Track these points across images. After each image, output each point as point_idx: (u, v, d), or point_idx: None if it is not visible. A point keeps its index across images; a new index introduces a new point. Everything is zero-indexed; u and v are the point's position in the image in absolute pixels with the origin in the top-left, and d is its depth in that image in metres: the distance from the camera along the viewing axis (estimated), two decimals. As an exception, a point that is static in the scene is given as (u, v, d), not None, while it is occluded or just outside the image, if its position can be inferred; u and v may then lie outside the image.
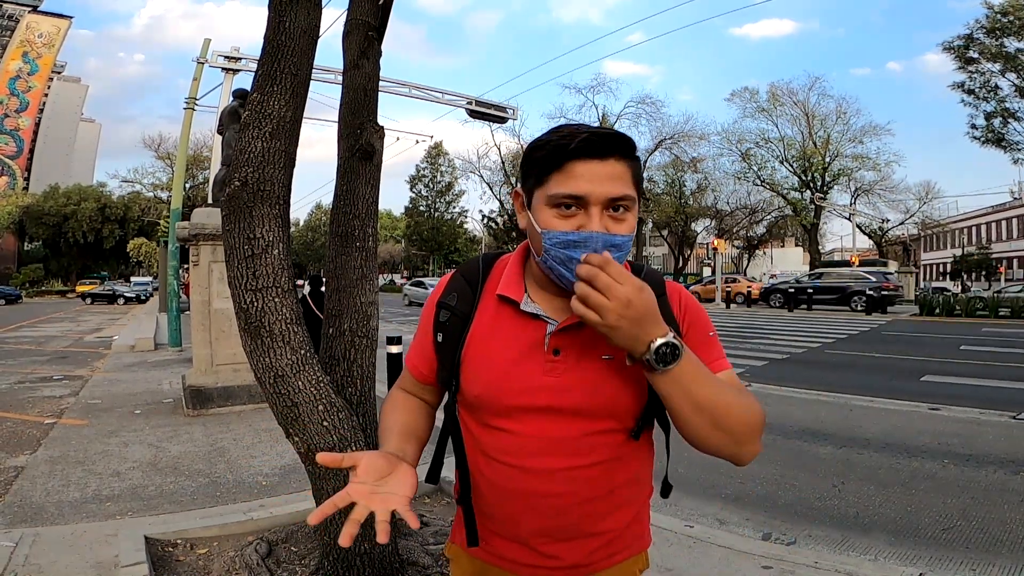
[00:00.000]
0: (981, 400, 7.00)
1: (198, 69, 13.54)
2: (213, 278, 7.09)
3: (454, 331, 1.10)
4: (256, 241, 2.28)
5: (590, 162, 0.95)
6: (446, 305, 1.12)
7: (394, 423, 1.15)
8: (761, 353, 11.61)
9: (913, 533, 3.59)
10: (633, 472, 1.12)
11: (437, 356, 1.14)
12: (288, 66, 2.37)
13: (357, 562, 2.56)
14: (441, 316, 1.12)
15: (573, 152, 0.95)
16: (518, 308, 1.06)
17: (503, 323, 1.07)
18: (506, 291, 1.08)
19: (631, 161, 0.99)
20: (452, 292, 1.13)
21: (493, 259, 1.18)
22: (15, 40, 72.01)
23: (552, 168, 0.98)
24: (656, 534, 3.31)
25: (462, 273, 1.16)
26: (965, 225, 53.87)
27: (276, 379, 2.31)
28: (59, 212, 52.09)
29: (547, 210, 0.98)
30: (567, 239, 0.96)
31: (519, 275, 1.10)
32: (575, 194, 0.95)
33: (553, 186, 0.97)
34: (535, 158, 1.00)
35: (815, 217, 40.92)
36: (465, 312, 1.11)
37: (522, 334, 1.05)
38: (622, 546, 1.13)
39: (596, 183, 0.95)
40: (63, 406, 7.09)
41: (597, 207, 0.96)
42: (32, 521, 3.68)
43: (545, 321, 1.05)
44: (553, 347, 1.03)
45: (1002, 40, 28.31)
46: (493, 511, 1.09)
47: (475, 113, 19.71)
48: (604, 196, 0.96)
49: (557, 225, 0.97)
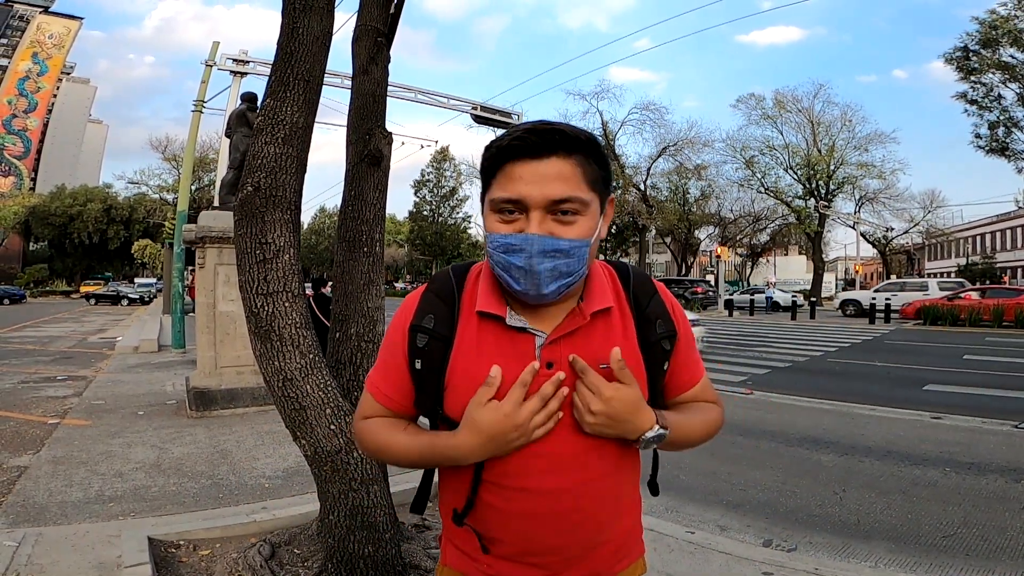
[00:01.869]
0: (983, 409, 6.98)
1: (206, 72, 13.62)
2: (218, 280, 7.13)
3: (435, 356, 1.01)
4: (268, 246, 2.31)
5: (528, 163, 0.90)
6: (423, 328, 1.01)
7: (408, 428, 1.07)
8: (764, 361, 11.60)
9: (914, 540, 3.59)
10: (633, 478, 1.11)
11: (415, 384, 1.04)
12: (301, 72, 2.40)
13: (360, 564, 2.58)
14: (418, 341, 1.01)
15: (507, 152, 0.92)
16: (503, 323, 0.99)
17: (488, 341, 0.99)
18: (487, 307, 1.00)
19: (580, 157, 0.93)
20: (427, 313, 1.03)
21: (464, 271, 1.08)
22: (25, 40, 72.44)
23: (494, 171, 0.94)
24: (657, 540, 3.34)
25: (435, 292, 1.05)
26: (969, 234, 53.68)
27: (285, 382, 2.33)
28: (65, 213, 52.31)
29: (492, 215, 0.95)
30: (505, 243, 0.92)
31: (495, 287, 1.02)
32: (511, 197, 0.91)
33: (494, 190, 0.94)
34: (482, 164, 0.97)
35: (819, 225, 40.85)
36: (445, 334, 1.01)
37: (510, 350, 0.98)
38: (624, 553, 1.11)
39: (534, 184, 0.90)
40: (66, 406, 7.11)
41: (537, 211, 0.90)
42: (35, 521, 3.69)
43: (533, 334, 0.99)
44: (546, 361, 0.97)
45: (998, 51, 28.33)
46: (497, 535, 1.02)
47: (480, 118, 19.78)
48: (542, 199, 0.90)
49: (499, 229, 0.93)
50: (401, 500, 3.16)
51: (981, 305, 19.73)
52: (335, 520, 2.58)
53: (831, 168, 40.42)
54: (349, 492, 2.51)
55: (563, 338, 0.99)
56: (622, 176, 38.57)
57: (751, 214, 43.68)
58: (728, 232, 44.35)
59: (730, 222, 44.24)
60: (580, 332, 1.00)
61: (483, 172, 0.98)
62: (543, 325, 0.99)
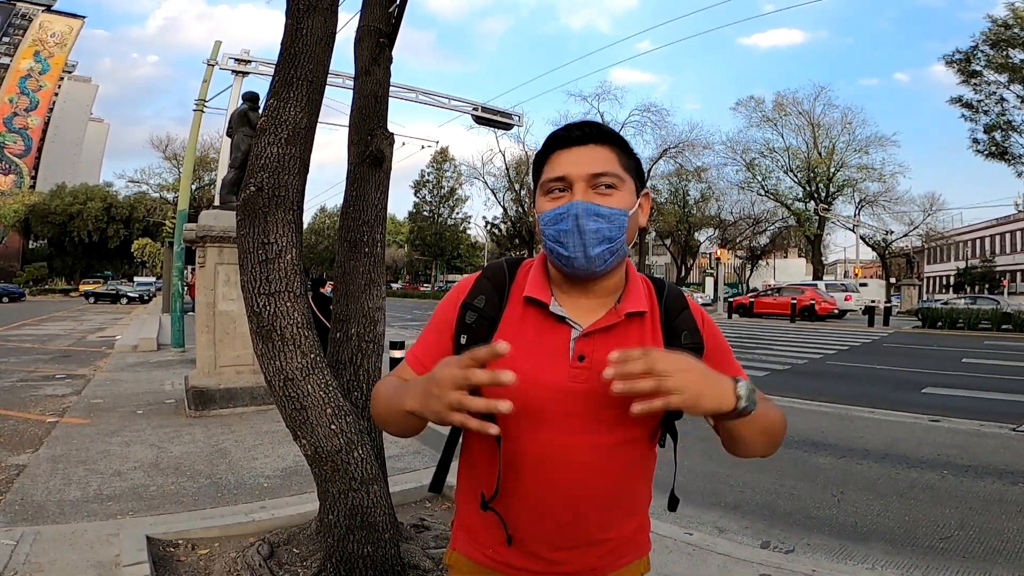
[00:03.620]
0: (981, 412, 7.00)
1: (208, 71, 13.62)
2: (219, 280, 7.14)
3: (480, 333, 1.08)
4: (270, 246, 2.32)
5: (571, 149, 1.05)
6: (473, 307, 1.11)
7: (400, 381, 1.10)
8: (762, 363, 11.61)
9: (911, 542, 3.60)
10: (645, 479, 1.15)
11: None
12: (304, 73, 2.41)
13: (359, 564, 2.58)
14: (467, 318, 1.10)
15: (556, 142, 1.07)
16: (545, 310, 1.07)
17: (529, 326, 1.08)
18: (534, 292, 1.09)
19: (615, 147, 1.07)
20: (479, 294, 1.12)
21: (517, 263, 1.18)
22: (28, 39, 72.41)
23: (543, 161, 1.09)
24: (656, 541, 3.33)
25: (488, 276, 1.15)
26: (969, 237, 53.73)
27: (286, 382, 2.34)
28: (65, 211, 52.30)
29: (542, 199, 1.08)
30: (553, 214, 1.04)
31: (545, 278, 1.11)
32: (557, 175, 1.05)
33: (544, 175, 1.08)
34: (535, 159, 1.12)
35: (819, 228, 40.90)
36: (492, 315, 1.10)
37: (548, 338, 1.06)
38: (627, 551, 1.15)
39: (576, 164, 1.04)
40: (65, 405, 7.11)
41: (580, 183, 1.03)
42: (33, 520, 3.69)
43: (570, 326, 1.06)
44: (578, 353, 1.04)
45: (1007, 51, 28.34)
46: (507, 517, 1.07)
47: (481, 119, 19.76)
48: (584, 173, 1.03)
49: (547, 207, 1.06)
50: (401, 500, 3.17)
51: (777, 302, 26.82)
52: (334, 520, 2.58)
53: (831, 171, 40.49)
54: (349, 492, 2.52)
55: (597, 333, 1.06)
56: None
57: (751, 216, 43.71)
58: (728, 234, 44.35)
59: (730, 224, 44.24)
60: (614, 330, 1.07)
61: (536, 166, 1.12)
62: (581, 318, 1.07)
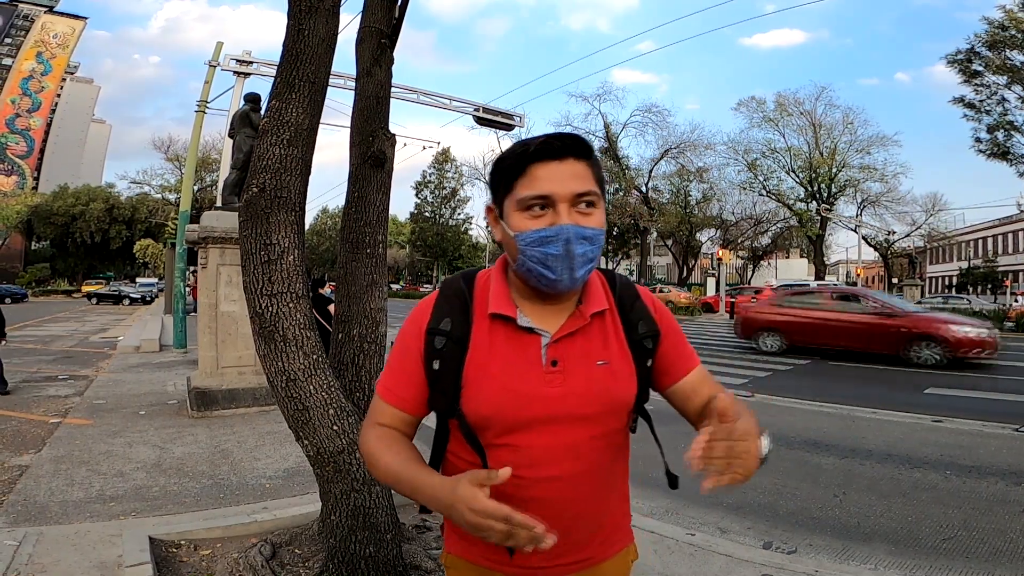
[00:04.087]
0: (984, 413, 6.98)
1: (210, 72, 13.64)
2: (220, 281, 7.15)
3: (452, 357, 1.08)
4: (272, 247, 2.32)
5: (550, 163, 1.02)
6: (440, 331, 1.10)
7: (404, 453, 1.10)
8: (764, 364, 11.59)
9: (914, 543, 3.59)
10: (624, 465, 1.19)
11: (430, 384, 1.10)
12: (306, 74, 2.42)
13: (361, 565, 2.59)
14: (436, 343, 1.09)
15: (533, 156, 1.02)
16: (513, 324, 1.08)
17: (499, 341, 1.08)
18: (499, 308, 1.08)
19: (589, 161, 1.05)
20: (444, 317, 1.11)
21: (473, 277, 1.17)
22: (30, 40, 72.58)
23: (517, 174, 1.03)
24: (658, 542, 3.34)
25: (448, 297, 1.14)
26: (971, 238, 53.62)
27: (288, 383, 2.34)
28: (67, 212, 52.39)
29: (518, 215, 1.03)
30: (540, 236, 1.01)
31: (507, 291, 1.11)
32: (542, 194, 1.01)
33: (520, 190, 1.03)
34: (501, 169, 1.06)
35: (820, 228, 40.84)
36: (461, 336, 1.09)
37: (519, 349, 1.07)
38: (617, 538, 1.19)
39: (559, 182, 1.01)
40: (68, 406, 7.12)
41: (564, 204, 1.01)
42: (36, 520, 3.69)
43: (539, 334, 1.08)
44: (551, 359, 1.07)
45: (1005, 53, 28.28)
46: None
47: (482, 120, 19.77)
48: (569, 193, 1.01)
49: (529, 226, 1.02)
50: (402, 501, 3.17)
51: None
52: (337, 520, 2.59)
53: (833, 171, 40.45)
54: (351, 492, 2.52)
55: (566, 337, 1.08)
56: (624, 178, 38.56)
57: (752, 217, 43.66)
58: (729, 235, 44.30)
59: (731, 225, 44.19)
60: (581, 332, 1.10)
61: (504, 176, 1.06)
62: (547, 325, 1.09)
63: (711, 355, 13.00)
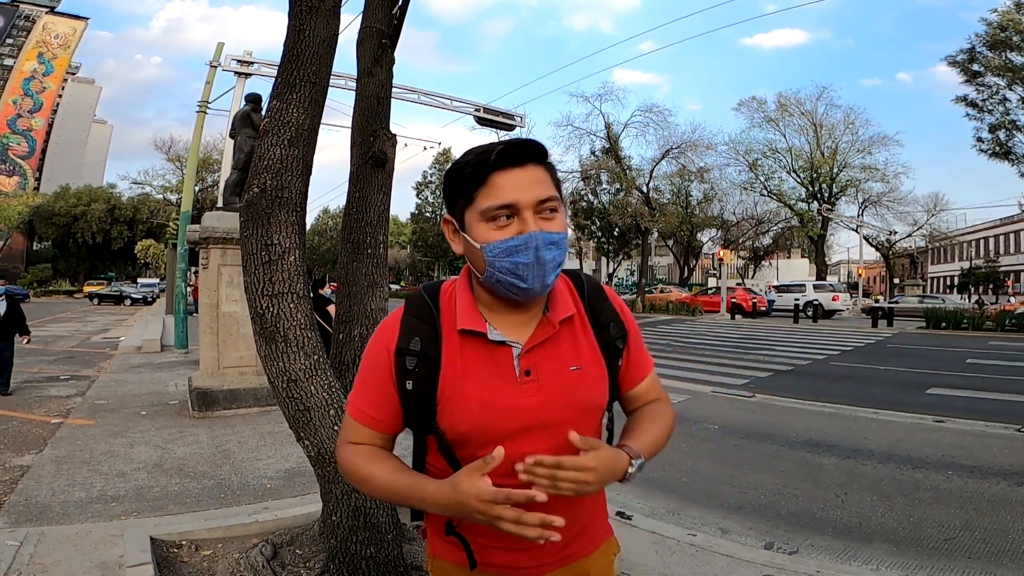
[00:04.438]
0: (986, 413, 6.97)
1: (211, 73, 13.66)
2: (222, 281, 7.16)
3: (426, 376, 1.06)
4: (273, 247, 2.32)
5: (512, 170, 1.00)
6: (410, 351, 1.07)
7: (391, 464, 1.10)
8: (765, 364, 11.59)
9: (915, 543, 3.59)
10: None
11: (404, 404, 1.09)
12: (307, 74, 2.41)
13: (362, 566, 2.58)
14: (407, 364, 1.07)
15: (493, 164, 1.00)
16: (483, 338, 1.06)
17: (472, 356, 1.07)
18: (469, 324, 1.07)
19: (547, 166, 1.05)
20: (412, 336, 1.08)
21: (437, 290, 1.14)
22: (31, 41, 72.68)
23: (477, 184, 1.01)
24: (659, 542, 3.34)
25: (415, 315, 1.11)
26: (973, 238, 53.52)
27: (289, 383, 2.34)
28: (69, 212, 52.42)
29: (482, 225, 1.01)
30: (508, 246, 0.99)
31: (472, 304, 1.09)
32: (507, 203, 0.99)
33: (482, 200, 1.00)
34: (458, 179, 1.03)
35: (822, 228, 40.78)
36: (432, 354, 1.07)
37: (492, 363, 1.06)
38: (596, 534, 1.20)
39: (522, 189, 0.99)
40: (69, 406, 7.14)
41: (529, 211, 1.00)
42: (37, 520, 3.70)
43: (510, 346, 1.07)
44: (524, 369, 1.06)
45: (1005, 54, 28.25)
46: (486, 529, 1.05)
47: (483, 120, 19.78)
48: (533, 199, 1.00)
49: (496, 236, 1.00)
50: (403, 501, 3.16)
51: (711, 299, 30.31)
52: (338, 521, 2.59)
53: (834, 171, 40.37)
54: (352, 493, 2.52)
55: (537, 347, 1.08)
56: (625, 178, 38.51)
57: (754, 217, 43.56)
58: (731, 235, 44.20)
59: (732, 225, 44.09)
60: (551, 340, 1.09)
61: (463, 186, 1.03)
62: (517, 335, 1.08)
63: (711, 355, 13.00)
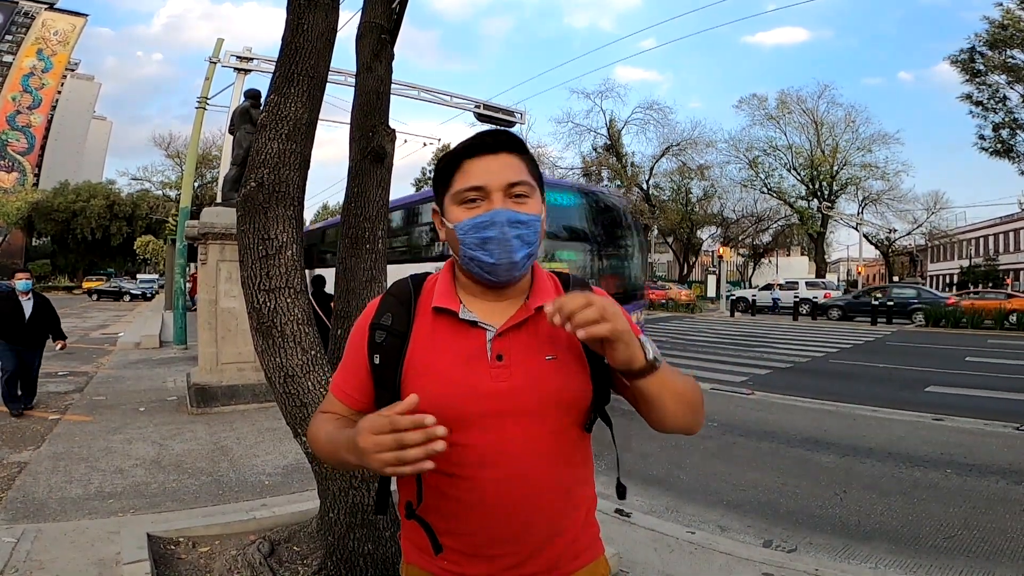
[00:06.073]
0: (985, 411, 6.97)
1: (210, 69, 13.61)
2: (220, 277, 7.14)
3: (392, 351, 1.09)
4: (270, 242, 2.31)
5: (484, 157, 1.07)
6: (380, 326, 1.11)
7: (341, 423, 1.10)
8: (764, 361, 11.59)
9: (914, 541, 3.58)
10: (584, 471, 1.15)
11: (374, 378, 1.11)
12: (305, 68, 2.40)
13: (360, 562, 2.58)
14: (376, 337, 1.11)
15: (467, 152, 1.08)
16: (456, 319, 1.08)
17: (442, 336, 1.08)
18: (442, 302, 1.09)
19: (523, 155, 1.10)
20: (386, 312, 1.13)
21: (422, 279, 1.19)
22: (30, 37, 72.43)
23: (453, 170, 1.09)
24: (658, 540, 3.33)
25: (393, 294, 1.16)
26: (972, 236, 53.48)
27: (286, 379, 2.33)
28: (68, 208, 52.34)
29: (456, 208, 1.08)
30: (476, 223, 1.05)
31: (452, 287, 1.13)
32: (475, 185, 1.06)
33: (456, 184, 1.08)
34: (439, 169, 1.12)
35: (821, 226, 40.79)
36: (402, 331, 1.10)
37: (463, 344, 1.07)
38: (582, 548, 1.14)
39: (492, 173, 1.06)
40: (67, 402, 7.13)
41: (498, 192, 1.05)
42: (34, 517, 3.69)
43: (484, 328, 1.07)
44: (496, 353, 1.06)
45: (1005, 52, 28.23)
46: (452, 526, 1.07)
47: (483, 117, 19.72)
48: (502, 182, 1.05)
49: (466, 216, 1.06)
50: (401, 498, 3.16)
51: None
52: (335, 517, 2.58)
53: (834, 169, 40.37)
54: (349, 490, 2.51)
55: (511, 330, 1.08)
56: (625, 175, 38.51)
57: (754, 214, 43.57)
58: (730, 232, 44.21)
59: (732, 222, 44.10)
60: (527, 325, 1.09)
61: (442, 175, 1.11)
62: (493, 320, 1.08)
63: (712, 353, 13.00)
